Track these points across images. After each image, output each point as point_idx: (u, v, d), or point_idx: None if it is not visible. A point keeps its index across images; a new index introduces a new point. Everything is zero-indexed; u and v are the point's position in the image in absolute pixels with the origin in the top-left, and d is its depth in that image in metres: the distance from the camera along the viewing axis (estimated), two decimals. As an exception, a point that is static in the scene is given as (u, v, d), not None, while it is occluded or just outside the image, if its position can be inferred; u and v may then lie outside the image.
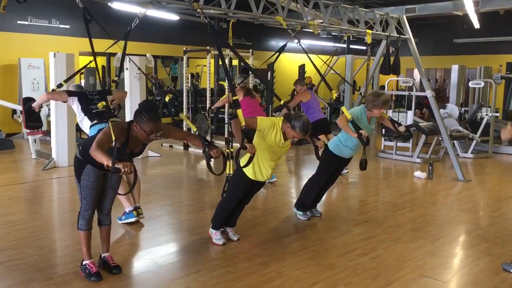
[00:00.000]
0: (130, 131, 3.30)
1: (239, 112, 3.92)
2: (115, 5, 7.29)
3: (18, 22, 10.85)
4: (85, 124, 4.66)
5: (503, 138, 3.92)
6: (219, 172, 3.89)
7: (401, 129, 5.06)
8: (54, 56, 7.54)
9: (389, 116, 5.15)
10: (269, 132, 3.98)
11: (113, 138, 3.13)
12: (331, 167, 5.05)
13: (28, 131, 8.00)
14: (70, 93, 4.75)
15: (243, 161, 4.04)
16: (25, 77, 10.67)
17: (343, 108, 4.70)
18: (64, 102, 4.89)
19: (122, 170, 2.97)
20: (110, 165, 2.97)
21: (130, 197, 4.78)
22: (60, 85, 4.98)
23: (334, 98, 4.97)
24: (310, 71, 11.50)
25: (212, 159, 3.66)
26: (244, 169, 4.06)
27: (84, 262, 3.54)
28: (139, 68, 5.95)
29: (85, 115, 4.64)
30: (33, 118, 5.08)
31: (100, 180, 3.45)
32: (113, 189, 3.50)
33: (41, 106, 5.04)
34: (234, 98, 4.09)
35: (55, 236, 4.60)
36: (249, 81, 8.68)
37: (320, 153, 4.74)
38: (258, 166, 4.08)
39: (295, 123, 3.92)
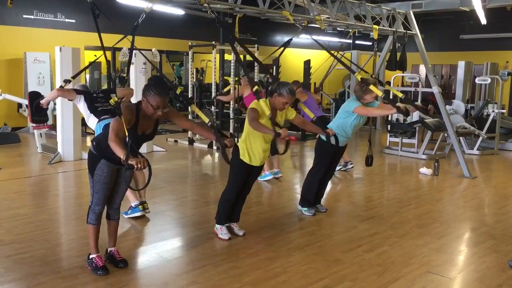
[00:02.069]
0: (140, 110, 3.31)
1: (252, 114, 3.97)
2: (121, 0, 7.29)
3: (24, 16, 10.88)
4: (92, 121, 4.73)
5: None
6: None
7: (401, 105, 4.87)
8: (60, 51, 7.54)
9: (383, 94, 4.96)
10: (263, 113, 4.04)
11: (126, 130, 3.11)
12: (327, 157, 5.04)
13: (34, 125, 8.03)
14: (77, 92, 4.85)
15: (240, 147, 4.14)
16: (30, 71, 10.69)
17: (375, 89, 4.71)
18: (71, 100, 4.96)
19: (135, 166, 2.97)
20: (124, 159, 2.96)
21: (136, 192, 4.79)
22: (68, 81, 4.99)
23: (359, 79, 4.88)
24: (315, 66, 11.47)
25: (227, 148, 3.69)
26: (240, 155, 4.14)
27: (91, 256, 3.55)
28: (148, 60, 5.91)
29: (91, 112, 4.72)
30: (42, 113, 5.13)
31: (113, 175, 3.45)
32: (126, 182, 3.55)
33: (48, 103, 5.08)
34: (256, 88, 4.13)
35: (62, 230, 4.61)
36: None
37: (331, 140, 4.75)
38: (252, 151, 4.14)
39: (281, 90, 4.06)
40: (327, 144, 4.85)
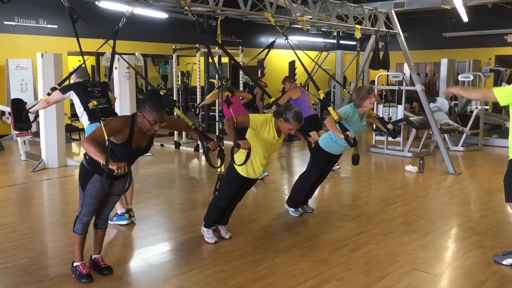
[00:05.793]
0: (135, 124, 3.22)
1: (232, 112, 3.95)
2: (102, 4, 7.21)
3: (5, 22, 10.74)
4: (84, 120, 4.45)
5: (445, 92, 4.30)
6: (218, 165, 3.88)
7: (389, 126, 5.06)
8: (42, 57, 7.46)
9: (377, 114, 5.19)
10: (262, 129, 3.98)
11: (106, 137, 3.06)
12: (322, 164, 5.04)
13: (17, 132, 7.93)
14: (64, 90, 4.57)
15: (238, 158, 4.01)
16: (13, 78, 10.57)
17: (330, 109, 4.64)
18: (64, 99, 4.75)
19: (116, 171, 2.93)
20: (104, 164, 2.92)
21: (123, 199, 4.73)
22: (54, 89, 4.91)
23: (321, 98, 4.95)
24: (300, 67, 11.48)
25: (210, 151, 3.65)
26: (236, 167, 4.05)
27: (75, 264, 3.51)
28: (129, 65, 5.86)
29: (84, 109, 4.39)
30: (33, 121, 4.99)
31: (105, 190, 3.40)
32: (119, 194, 3.48)
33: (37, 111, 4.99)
34: (226, 93, 4.11)
35: (46, 239, 4.55)
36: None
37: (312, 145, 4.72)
38: (250, 163, 4.06)
39: (287, 115, 3.91)
40: (324, 151, 4.86)
